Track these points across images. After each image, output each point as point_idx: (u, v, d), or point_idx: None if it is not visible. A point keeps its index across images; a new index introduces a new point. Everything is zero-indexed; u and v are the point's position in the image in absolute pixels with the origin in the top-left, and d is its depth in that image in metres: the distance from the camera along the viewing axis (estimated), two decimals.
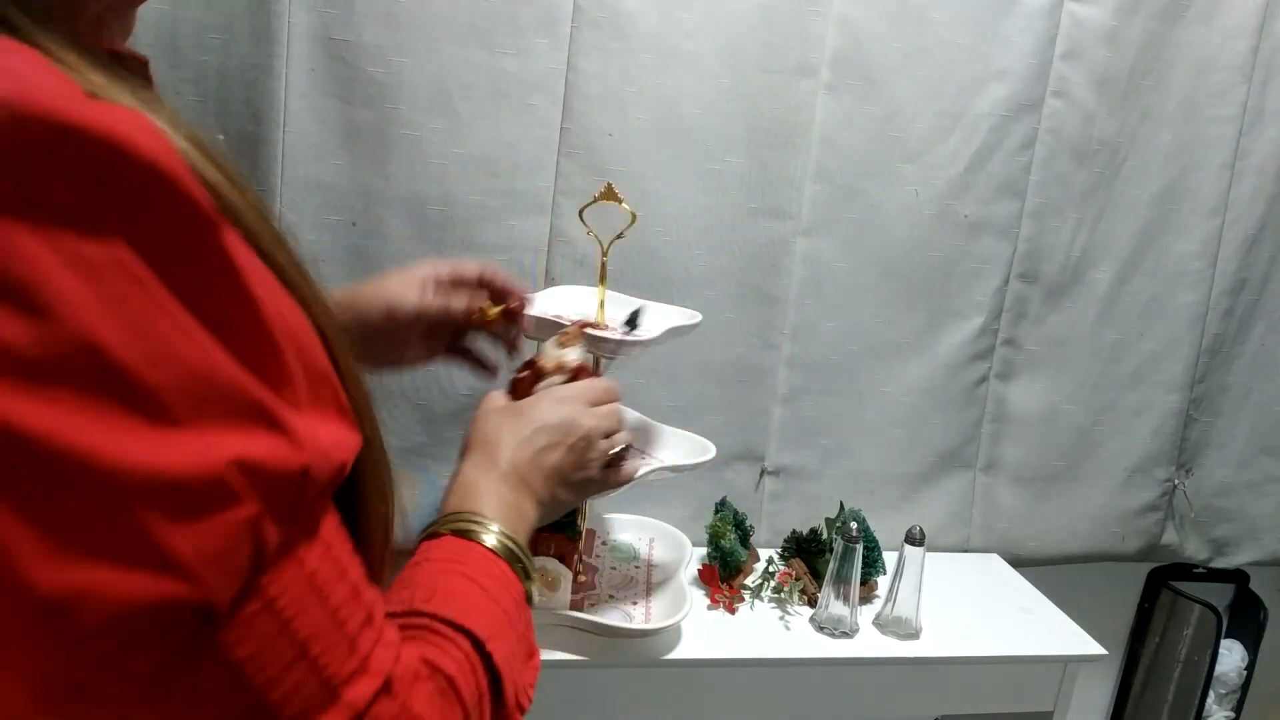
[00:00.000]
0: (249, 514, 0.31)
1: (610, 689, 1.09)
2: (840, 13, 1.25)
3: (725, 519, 1.28)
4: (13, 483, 0.27)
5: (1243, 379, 1.57)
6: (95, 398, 0.27)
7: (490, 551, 0.54)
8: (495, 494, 0.58)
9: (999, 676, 1.23)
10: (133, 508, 0.28)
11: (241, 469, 0.30)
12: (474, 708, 0.43)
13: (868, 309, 1.37)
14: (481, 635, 0.46)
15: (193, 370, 0.30)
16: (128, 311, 0.28)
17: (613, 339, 0.93)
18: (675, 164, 1.24)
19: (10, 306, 0.26)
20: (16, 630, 0.27)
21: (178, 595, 0.29)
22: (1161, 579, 1.69)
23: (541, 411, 0.66)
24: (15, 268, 0.26)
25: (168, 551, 0.29)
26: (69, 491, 0.27)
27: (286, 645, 0.33)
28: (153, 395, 0.29)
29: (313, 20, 1.10)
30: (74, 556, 0.27)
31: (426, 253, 1.19)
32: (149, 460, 0.28)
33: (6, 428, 0.26)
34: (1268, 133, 1.46)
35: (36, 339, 0.26)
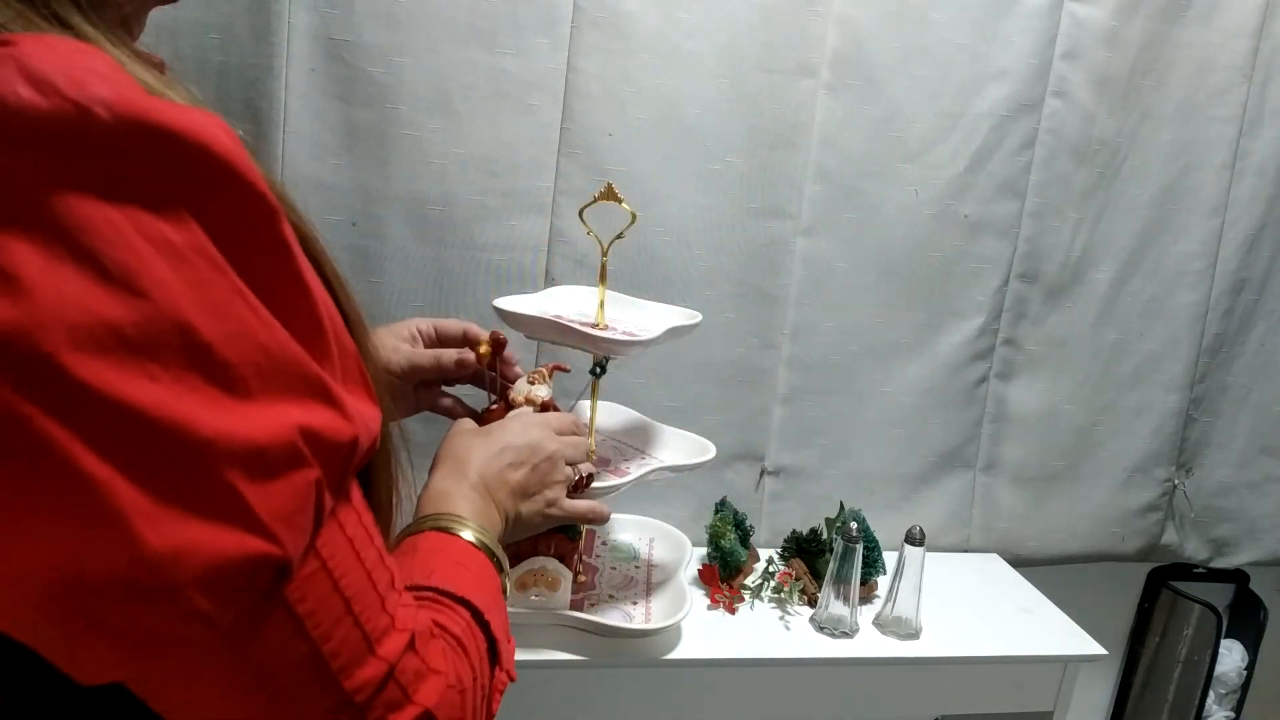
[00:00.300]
0: (313, 478, 0.34)
1: (610, 689, 1.09)
2: (840, 13, 1.25)
3: (725, 519, 1.28)
4: (120, 450, 0.29)
5: (1243, 379, 1.57)
6: (187, 373, 0.31)
7: (470, 544, 0.59)
8: (467, 499, 0.63)
9: (999, 676, 1.23)
10: (222, 471, 0.31)
11: (305, 437, 0.34)
12: (478, 666, 0.48)
13: (868, 309, 1.37)
14: (480, 607, 0.51)
15: (264, 348, 0.33)
16: (209, 294, 0.31)
17: (613, 339, 0.93)
18: (675, 164, 1.24)
19: (115, 289, 0.29)
20: (120, 585, 0.30)
21: (260, 551, 0.32)
22: (1161, 579, 1.69)
23: (509, 433, 0.71)
24: (118, 253, 0.29)
25: (252, 510, 0.32)
26: (169, 457, 0.30)
27: (336, 602, 0.37)
28: (233, 371, 0.32)
29: (313, 20, 1.10)
30: (175, 515, 0.30)
31: (426, 253, 1.19)
32: (233, 428, 0.31)
33: (116, 400, 0.29)
34: (1268, 133, 1.46)
35: (139, 319, 0.29)
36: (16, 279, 0.28)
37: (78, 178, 0.29)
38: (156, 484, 0.30)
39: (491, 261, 1.22)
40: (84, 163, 0.29)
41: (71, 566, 0.29)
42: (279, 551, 0.33)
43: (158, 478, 0.30)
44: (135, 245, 0.30)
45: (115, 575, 0.30)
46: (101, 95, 0.29)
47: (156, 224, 0.30)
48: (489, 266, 1.22)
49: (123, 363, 0.29)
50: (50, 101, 0.29)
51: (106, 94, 0.30)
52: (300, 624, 0.35)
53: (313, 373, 0.35)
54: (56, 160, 0.29)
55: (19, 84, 0.28)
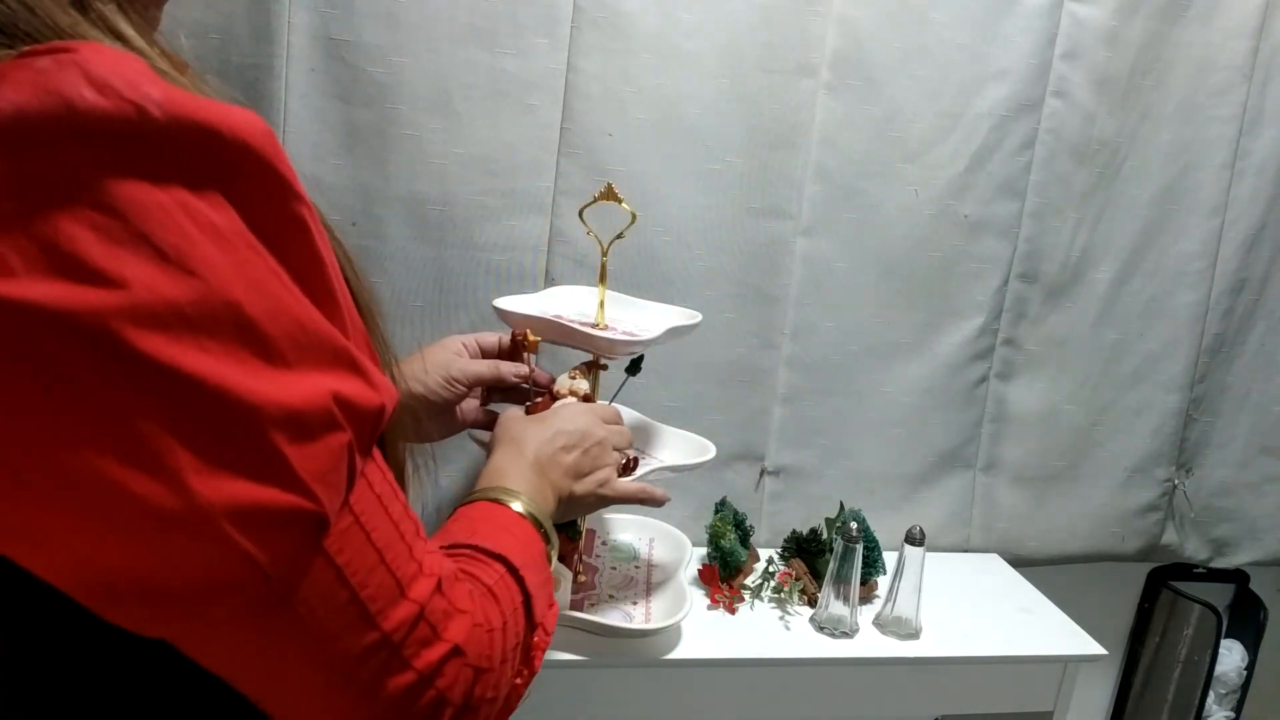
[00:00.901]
0: (345, 440, 0.38)
1: (610, 689, 1.09)
2: (840, 13, 1.25)
3: (725, 519, 1.28)
4: (178, 415, 0.33)
5: (1243, 379, 1.57)
6: (234, 345, 0.34)
7: (518, 514, 0.63)
8: (523, 475, 0.68)
9: (999, 676, 1.23)
10: (267, 433, 0.35)
11: (339, 403, 0.37)
12: (510, 614, 0.52)
13: (868, 309, 1.37)
14: (516, 564, 0.55)
15: (299, 323, 0.36)
16: (250, 273, 0.35)
17: (613, 339, 0.94)
18: (675, 164, 1.24)
19: (172, 269, 0.33)
20: (178, 534, 0.33)
21: (299, 505, 0.36)
22: (1161, 579, 1.69)
23: (561, 419, 0.77)
24: (171, 236, 0.33)
25: (293, 469, 0.35)
26: (220, 421, 0.34)
27: (370, 552, 0.41)
28: (273, 344, 0.35)
29: (313, 20, 1.10)
30: (225, 472, 0.34)
31: (426, 253, 1.19)
32: (276, 396, 0.35)
33: (174, 370, 0.32)
34: (1268, 133, 1.46)
35: (194, 298, 0.33)
36: (83, 260, 0.31)
37: (135, 168, 0.32)
38: (208, 445, 0.33)
39: (491, 261, 1.22)
40: (140, 154, 0.33)
41: (134, 522, 0.33)
42: (316, 507, 0.36)
43: (209, 439, 0.34)
44: (186, 229, 0.33)
45: (172, 524, 0.33)
46: (153, 95, 0.33)
47: (202, 209, 0.34)
48: (489, 266, 1.22)
49: (180, 337, 0.33)
50: (111, 101, 0.32)
51: (158, 94, 0.33)
52: (340, 572, 0.39)
53: (342, 345, 0.38)
54: (117, 152, 0.32)
55: (83, 87, 0.32)
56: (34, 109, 0.31)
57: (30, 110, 0.31)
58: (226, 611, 0.37)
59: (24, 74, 0.32)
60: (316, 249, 0.39)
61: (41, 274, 0.31)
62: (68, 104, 0.31)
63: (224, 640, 0.38)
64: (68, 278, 0.31)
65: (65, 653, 0.41)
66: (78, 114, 0.32)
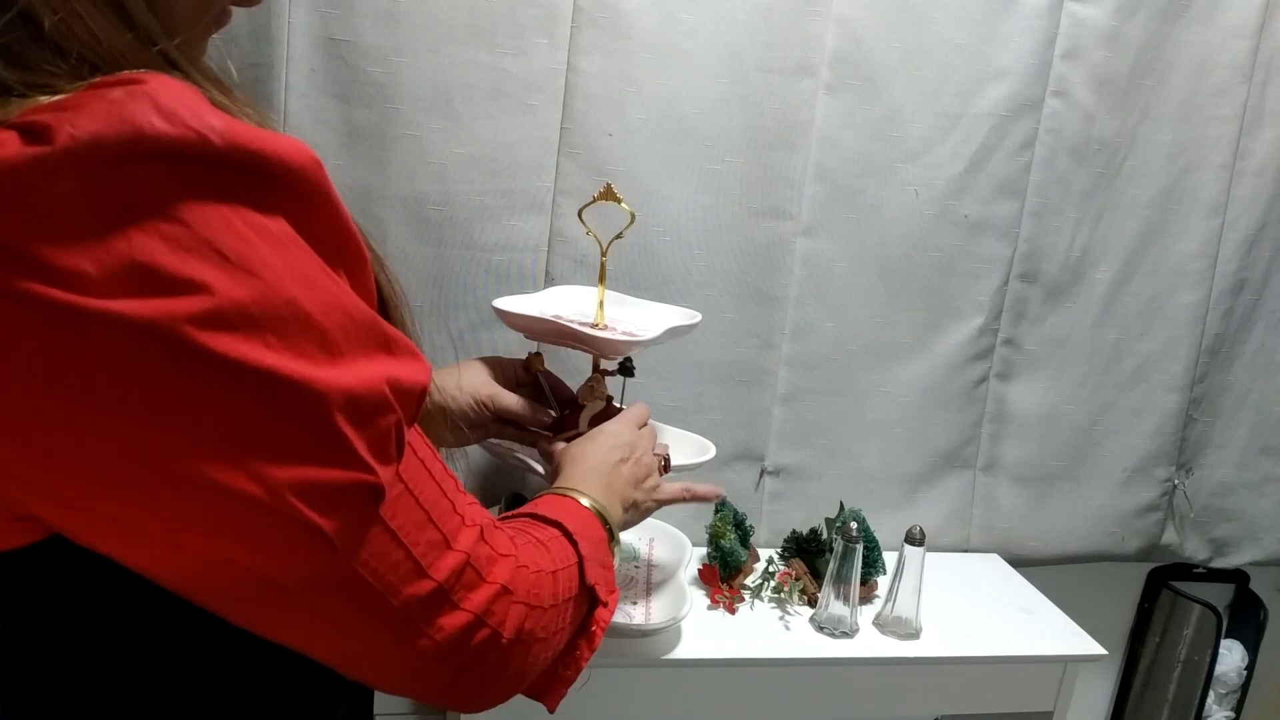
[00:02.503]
0: (396, 418, 0.42)
1: (610, 689, 1.09)
2: (840, 13, 1.25)
3: (725, 519, 1.28)
4: (250, 408, 0.36)
5: (1243, 379, 1.57)
6: (296, 339, 0.37)
7: (583, 505, 0.68)
8: (589, 485, 0.73)
9: (999, 676, 1.23)
10: (330, 417, 0.38)
11: (391, 386, 0.41)
12: (562, 567, 0.57)
13: (867, 309, 1.37)
14: (570, 528, 0.61)
15: (348, 313, 0.40)
16: (303, 271, 0.39)
17: (613, 339, 0.93)
18: (675, 164, 1.24)
19: (236, 271, 0.36)
20: (261, 518, 0.37)
21: (361, 480, 0.40)
22: (1161, 579, 1.69)
23: (610, 434, 0.82)
24: (233, 242, 0.36)
25: (354, 449, 0.39)
26: (288, 411, 0.37)
27: (419, 512, 0.45)
28: (329, 335, 0.39)
29: (313, 20, 1.10)
30: (295, 458, 0.38)
31: (426, 253, 1.19)
32: (336, 382, 0.38)
33: (245, 366, 0.36)
34: (1268, 133, 1.46)
35: (256, 296, 0.36)
36: (155, 270, 0.34)
37: (198, 188, 0.36)
38: (279, 433, 0.37)
39: (491, 261, 1.22)
40: (202, 176, 0.36)
41: (220, 510, 0.37)
42: (374, 479, 0.41)
43: (280, 428, 0.37)
44: (245, 234, 0.37)
45: (253, 508, 0.37)
46: (215, 125, 0.36)
47: (256, 219, 0.37)
48: (489, 266, 1.22)
49: (248, 335, 0.36)
50: (177, 129, 0.35)
51: (219, 124, 0.37)
52: (394, 534, 0.44)
53: (387, 331, 0.42)
54: (182, 174, 0.36)
55: (153, 115, 0.35)
56: (109, 135, 0.34)
57: (105, 137, 0.34)
58: (301, 582, 0.41)
59: (99, 104, 0.34)
60: (359, 248, 0.43)
61: (118, 285, 0.34)
62: (139, 131, 0.34)
63: (299, 610, 0.42)
64: (142, 288, 0.34)
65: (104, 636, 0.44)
66: (147, 139, 0.35)
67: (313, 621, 0.43)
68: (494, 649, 0.49)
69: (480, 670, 0.50)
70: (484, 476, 1.27)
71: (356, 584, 0.42)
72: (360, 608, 0.43)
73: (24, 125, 0.34)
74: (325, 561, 0.40)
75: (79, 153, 0.33)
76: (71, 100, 0.35)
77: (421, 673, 0.47)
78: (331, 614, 0.43)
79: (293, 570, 0.40)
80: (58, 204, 0.33)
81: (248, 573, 0.39)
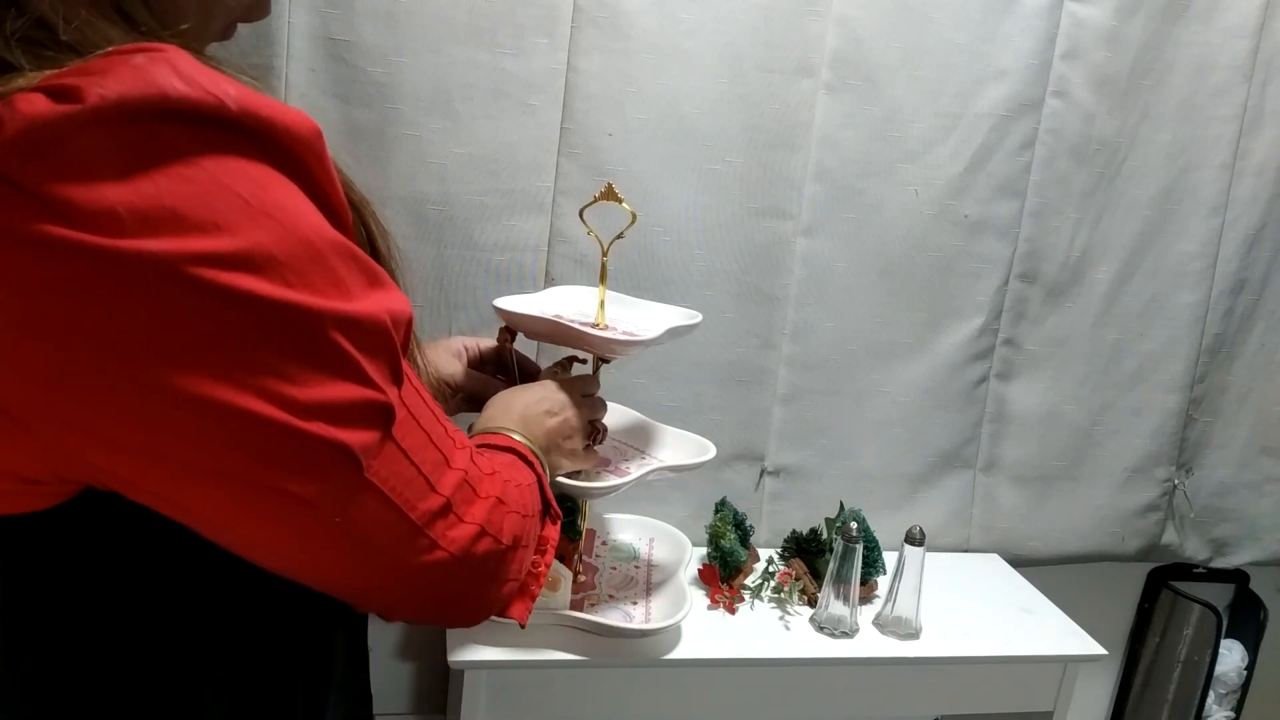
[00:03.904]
0: (395, 345, 0.45)
1: (610, 689, 1.09)
2: (840, 13, 1.25)
3: (725, 519, 1.28)
4: (273, 338, 0.40)
5: (1243, 379, 1.57)
6: (311, 274, 0.41)
7: (515, 439, 0.72)
8: (512, 422, 0.76)
9: (999, 676, 1.23)
10: (343, 344, 0.42)
11: (390, 316, 0.45)
12: (528, 485, 0.62)
13: (868, 309, 1.37)
14: (522, 452, 0.68)
15: (350, 251, 0.44)
16: (310, 216, 0.42)
17: (613, 339, 0.93)
18: (675, 164, 1.24)
19: (255, 213, 0.39)
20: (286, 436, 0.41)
21: (374, 398, 0.44)
22: (1161, 579, 1.69)
23: (544, 389, 0.84)
24: (249, 186, 0.39)
25: (366, 372, 0.43)
26: (308, 339, 0.41)
27: (420, 434, 0.49)
28: (336, 271, 0.42)
29: (313, 20, 1.10)
30: (316, 379, 0.41)
31: (426, 253, 1.19)
32: (348, 310, 0.42)
33: (267, 300, 0.39)
34: (1268, 133, 1.46)
35: (275, 237, 0.39)
36: (182, 213, 0.37)
37: (215, 145, 0.39)
38: (300, 358, 0.40)
39: (491, 261, 1.22)
40: (218, 135, 0.39)
41: (249, 434, 0.40)
42: (386, 399, 0.44)
43: (301, 354, 0.41)
44: (260, 180, 0.40)
45: (278, 427, 0.40)
46: (229, 91, 0.39)
47: (270, 172, 0.41)
48: (489, 266, 1.22)
49: (267, 273, 0.39)
50: (196, 92, 0.38)
51: (233, 91, 0.39)
52: (406, 453, 0.47)
53: (378, 268, 0.46)
54: (201, 131, 0.39)
55: (174, 78, 0.38)
56: (135, 95, 0.37)
57: (132, 96, 0.37)
58: (332, 500, 0.44)
59: (123, 68, 0.37)
60: (343, 200, 0.46)
61: (147, 226, 0.36)
62: (162, 91, 0.37)
63: (329, 531, 0.45)
64: (170, 229, 0.37)
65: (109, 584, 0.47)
66: (170, 100, 0.38)
67: (340, 543, 0.46)
68: (496, 555, 0.54)
69: (485, 578, 0.54)
70: None
71: (379, 499, 0.46)
72: (384, 523, 0.47)
73: (50, 88, 0.36)
74: (351, 477, 0.44)
75: (107, 110, 0.36)
76: (95, 65, 0.37)
77: (436, 585, 0.51)
78: (357, 532, 0.46)
79: (323, 488, 0.43)
80: (87, 155, 0.36)
81: (280, 496, 0.42)
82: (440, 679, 1.39)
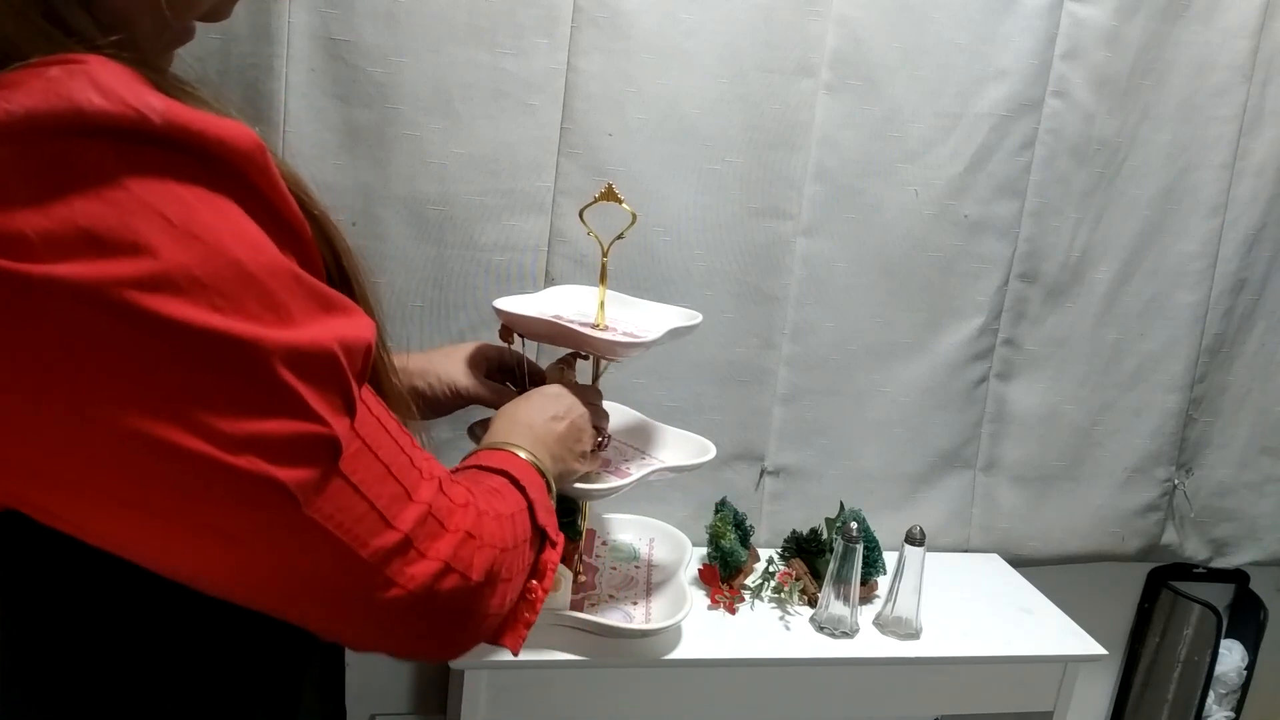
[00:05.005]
0: (347, 374, 0.43)
1: (610, 689, 1.09)
2: (840, 13, 1.25)
3: (725, 519, 1.28)
4: (200, 368, 0.37)
5: (1243, 379, 1.57)
6: (243, 299, 0.38)
7: (520, 457, 0.69)
8: (522, 437, 0.75)
9: (999, 676, 1.23)
10: (280, 374, 0.39)
11: (340, 345, 0.42)
12: (516, 512, 0.59)
13: (867, 309, 1.37)
14: (516, 476, 0.63)
15: (293, 274, 0.41)
16: (245, 235, 0.39)
17: (613, 340, 0.93)
18: (675, 164, 1.24)
19: (179, 234, 0.36)
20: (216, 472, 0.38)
21: (317, 432, 0.41)
22: (1161, 579, 1.69)
23: (548, 395, 0.84)
24: (175, 209, 0.37)
25: (308, 404, 0.40)
26: (239, 369, 0.38)
27: (378, 466, 0.46)
28: (275, 295, 0.39)
29: (313, 20, 1.10)
30: (249, 413, 0.38)
31: (426, 253, 1.19)
32: (286, 339, 0.39)
33: (192, 328, 0.36)
34: (1268, 133, 1.46)
35: (200, 259, 0.37)
36: (96, 235, 0.35)
37: (138, 162, 0.36)
38: (231, 390, 0.38)
39: (491, 261, 1.22)
40: (141, 151, 0.36)
41: (172, 468, 0.37)
42: (329, 432, 0.41)
43: (232, 385, 0.38)
44: (187, 201, 0.37)
45: (206, 463, 0.38)
46: (155, 105, 0.37)
47: (198, 191, 0.38)
48: (489, 266, 1.22)
49: (194, 297, 0.36)
50: (115, 106, 0.36)
51: (159, 104, 0.37)
52: (356, 488, 0.44)
53: (330, 292, 0.43)
54: (119, 149, 0.36)
55: (90, 92, 0.35)
56: (44, 110, 0.34)
57: (41, 111, 0.34)
58: (267, 539, 0.41)
59: (36, 81, 0.35)
60: (296, 217, 0.43)
61: (58, 250, 0.34)
62: (75, 106, 0.35)
63: (268, 569, 0.43)
64: (83, 252, 0.34)
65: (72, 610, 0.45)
66: (84, 114, 0.35)
67: (283, 580, 0.44)
68: (464, 593, 0.51)
69: (453, 615, 0.51)
70: None
71: (323, 538, 0.43)
72: (331, 562, 0.44)
73: None
74: (288, 515, 0.41)
75: (13, 127, 0.34)
76: (8, 78, 0.35)
77: (396, 623, 0.48)
78: (302, 571, 0.44)
79: (257, 528, 0.41)
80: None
81: (213, 533, 0.40)
82: (440, 679, 1.39)
